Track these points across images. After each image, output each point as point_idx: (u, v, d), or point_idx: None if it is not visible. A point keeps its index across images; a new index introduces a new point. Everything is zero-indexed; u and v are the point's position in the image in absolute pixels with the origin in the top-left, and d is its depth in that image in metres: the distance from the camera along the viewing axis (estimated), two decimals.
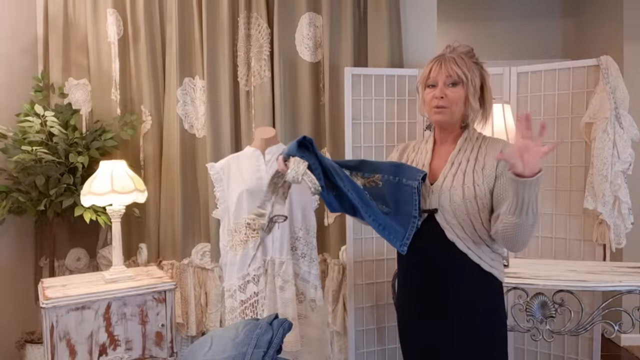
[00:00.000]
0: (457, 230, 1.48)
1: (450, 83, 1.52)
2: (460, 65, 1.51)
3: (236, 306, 2.18)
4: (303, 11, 2.75)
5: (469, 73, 1.52)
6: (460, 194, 1.47)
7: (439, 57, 1.56)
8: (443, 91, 1.52)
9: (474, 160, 1.51)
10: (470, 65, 1.54)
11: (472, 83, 1.52)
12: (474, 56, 1.58)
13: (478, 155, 1.52)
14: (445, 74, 1.52)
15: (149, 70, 2.85)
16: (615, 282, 1.96)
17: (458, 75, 1.51)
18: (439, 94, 1.52)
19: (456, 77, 1.51)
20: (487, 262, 1.51)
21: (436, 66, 1.54)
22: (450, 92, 1.51)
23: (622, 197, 2.33)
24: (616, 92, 2.34)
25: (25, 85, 2.88)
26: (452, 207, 1.48)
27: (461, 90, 1.51)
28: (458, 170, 1.51)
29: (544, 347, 2.59)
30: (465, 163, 1.51)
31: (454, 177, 1.50)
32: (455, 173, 1.51)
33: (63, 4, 2.91)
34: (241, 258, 2.18)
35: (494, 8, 4.24)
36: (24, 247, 2.92)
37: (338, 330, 2.74)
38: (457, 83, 1.51)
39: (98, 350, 2.20)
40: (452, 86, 1.52)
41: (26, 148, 2.53)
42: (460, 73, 1.51)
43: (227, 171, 2.25)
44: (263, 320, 1.83)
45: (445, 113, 1.53)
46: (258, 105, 2.76)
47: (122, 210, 2.36)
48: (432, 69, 1.55)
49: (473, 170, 1.49)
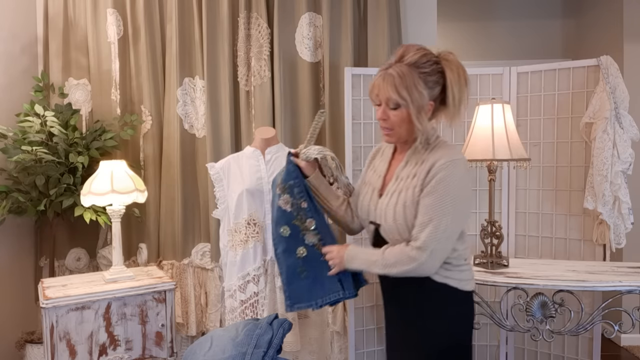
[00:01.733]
0: (395, 244, 1.48)
1: (391, 107, 1.45)
2: (399, 89, 1.41)
3: (236, 306, 2.18)
4: (303, 11, 2.75)
5: (409, 95, 1.41)
6: (392, 216, 1.46)
7: (383, 72, 1.45)
8: (386, 113, 1.47)
9: (413, 176, 1.46)
10: (413, 82, 1.41)
11: (415, 103, 1.42)
12: (426, 63, 1.45)
13: (418, 171, 1.46)
14: (374, 92, 1.46)
15: (149, 70, 2.85)
16: (615, 282, 1.96)
17: (395, 101, 1.43)
18: (382, 115, 1.47)
19: (394, 103, 1.44)
20: (438, 274, 1.46)
21: (379, 83, 1.45)
22: (392, 115, 1.46)
23: (622, 197, 2.33)
24: (616, 92, 2.34)
25: (25, 85, 2.88)
26: (386, 226, 1.49)
27: (403, 111, 1.44)
28: (397, 189, 1.48)
29: (544, 347, 2.59)
30: (406, 180, 1.48)
31: (392, 196, 1.48)
32: (394, 191, 1.49)
33: (63, 4, 2.91)
34: (241, 258, 2.17)
35: (494, 8, 4.24)
36: (24, 247, 2.92)
37: (338, 330, 2.74)
38: (398, 106, 1.44)
39: (98, 350, 2.20)
40: (394, 109, 1.45)
41: (26, 148, 2.53)
42: (397, 98, 1.42)
43: (227, 171, 2.25)
44: (263, 320, 1.83)
45: (392, 135, 1.50)
46: (258, 105, 2.76)
47: (122, 210, 2.36)
48: (375, 86, 1.46)
49: (407, 188, 1.46)
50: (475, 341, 2.69)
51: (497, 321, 2.11)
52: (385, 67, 1.46)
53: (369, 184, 1.61)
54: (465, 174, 1.43)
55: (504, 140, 2.18)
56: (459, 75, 1.44)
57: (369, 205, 1.56)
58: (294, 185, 1.62)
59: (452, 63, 1.45)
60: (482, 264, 2.23)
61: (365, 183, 1.64)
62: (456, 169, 1.40)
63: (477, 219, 2.66)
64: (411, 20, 2.87)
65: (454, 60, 1.46)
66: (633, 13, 3.44)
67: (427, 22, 2.88)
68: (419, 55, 1.44)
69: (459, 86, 1.44)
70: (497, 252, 2.23)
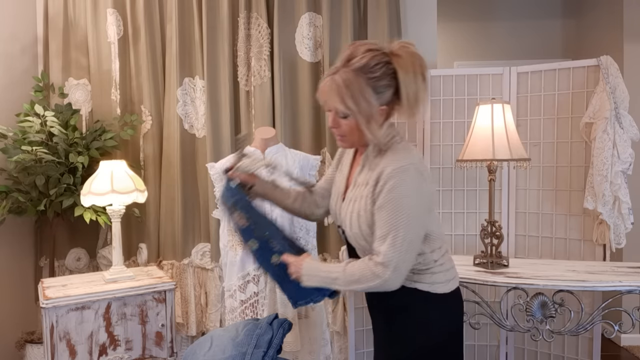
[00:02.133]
0: (364, 251, 1.42)
1: (340, 116, 1.37)
2: (345, 99, 1.32)
3: (236, 306, 2.18)
4: (303, 11, 2.75)
5: (355, 105, 1.32)
6: (349, 224, 1.42)
7: (329, 78, 1.36)
8: (336, 121, 1.39)
9: (365, 184, 1.39)
10: (360, 91, 1.32)
11: (363, 113, 1.33)
12: (376, 66, 1.33)
13: (370, 176, 1.38)
14: (331, 106, 1.38)
15: (149, 70, 2.85)
16: (615, 282, 1.96)
17: (342, 111, 1.35)
18: (332, 124, 1.40)
19: (342, 113, 1.35)
20: (408, 279, 1.40)
21: (325, 91, 1.37)
22: (343, 123, 1.38)
23: (622, 197, 2.33)
24: (616, 92, 2.34)
25: (25, 85, 2.88)
26: (350, 232, 1.43)
27: (353, 120, 1.35)
28: (354, 196, 1.42)
29: (544, 347, 2.59)
30: (361, 187, 1.41)
31: (350, 203, 1.43)
32: (352, 198, 1.43)
33: (63, 4, 2.91)
34: (241, 258, 2.18)
35: (494, 8, 4.24)
36: (24, 247, 2.92)
37: (338, 330, 2.74)
38: (346, 115, 1.35)
39: (98, 350, 2.20)
40: (343, 118, 1.37)
41: (26, 148, 2.53)
42: (343, 109, 1.34)
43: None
44: (263, 320, 1.84)
45: (346, 141, 1.43)
46: (258, 105, 2.76)
47: (122, 210, 2.36)
48: (322, 93, 1.38)
49: (361, 197, 1.39)
50: (475, 341, 2.70)
51: (497, 321, 2.11)
52: (332, 71, 1.36)
53: (336, 185, 1.55)
54: (417, 179, 1.32)
55: (504, 140, 2.18)
56: (414, 73, 1.32)
57: (335, 209, 1.52)
58: (238, 201, 1.58)
59: (404, 60, 1.32)
60: (482, 264, 2.23)
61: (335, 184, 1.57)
62: (405, 176, 1.31)
63: (477, 219, 2.66)
64: (411, 20, 2.87)
65: (407, 55, 1.33)
66: (633, 13, 3.44)
67: (427, 22, 2.88)
68: (368, 59, 1.32)
69: (414, 85, 1.33)
70: (497, 252, 2.23)
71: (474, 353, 2.71)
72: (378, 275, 1.32)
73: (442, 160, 2.68)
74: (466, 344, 2.71)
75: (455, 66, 4.25)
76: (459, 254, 2.66)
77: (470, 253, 2.57)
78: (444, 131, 2.68)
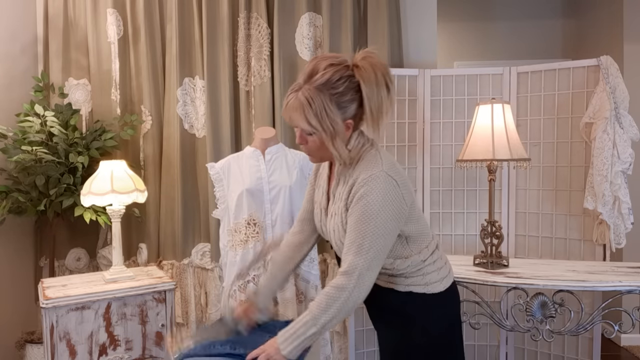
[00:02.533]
0: None
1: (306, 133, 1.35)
2: (308, 117, 1.30)
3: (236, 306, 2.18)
4: (303, 11, 2.75)
5: (319, 124, 1.30)
6: (333, 238, 1.41)
7: (293, 95, 1.32)
8: (303, 138, 1.37)
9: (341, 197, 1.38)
10: (324, 108, 1.29)
11: (328, 131, 1.31)
12: (338, 81, 1.30)
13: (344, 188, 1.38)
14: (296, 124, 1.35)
15: (149, 70, 2.85)
16: (615, 282, 1.96)
17: (307, 130, 1.33)
18: (300, 140, 1.38)
19: (307, 131, 1.33)
20: (401, 284, 1.42)
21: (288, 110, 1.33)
22: (309, 140, 1.36)
23: (622, 197, 2.33)
24: (616, 92, 2.34)
25: (25, 85, 2.88)
26: (336, 247, 1.43)
27: (317, 138, 1.34)
28: (334, 210, 1.41)
29: (544, 347, 2.59)
30: (339, 201, 1.39)
31: (332, 217, 1.41)
32: (333, 212, 1.41)
33: (63, 4, 2.91)
34: (241, 258, 2.18)
35: (494, 8, 4.24)
36: (24, 247, 2.92)
37: (338, 330, 2.74)
38: (311, 133, 1.33)
39: (98, 350, 2.20)
40: (309, 135, 1.35)
41: (26, 148, 2.53)
42: (307, 128, 1.32)
43: (227, 171, 2.25)
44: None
45: (315, 156, 1.41)
46: (258, 105, 2.76)
47: (122, 210, 2.36)
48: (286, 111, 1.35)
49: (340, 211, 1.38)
50: (475, 341, 2.70)
51: (497, 321, 2.11)
52: (295, 88, 1.33)
53: (317, 201, 1.53)
54: (387, 185, 1.30)
55: (504, 140, 2.18)
56: (377, 84, 1.30)
57: (321, 225, 1.50)
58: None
59: (366, 72, 1.29)
60: (482, 264, 2.23)
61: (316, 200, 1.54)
62: (374, 184, 1.29)
63: (477, 219, 2.66)
64: (411, 20, 2.87)
65: (369, 66, 1.30)
66: (633, 13, 3.44)
67: (427, 22, 2.88)
68: (330, 74, 1.29)
69: (377, 97, 1.31)
70: (497, 252, 2.23)
71: (474, 353, 2.71)
72: (342, 288, 1.28)
73: (442, 160, 2.68)
74: (466, 344, 2.70)
75: (455, 66, 4.25)
76: (459, 254, 2.66)
77: (470, 253, 2.57)
78: (444, 131, 2.68)
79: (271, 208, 2.19)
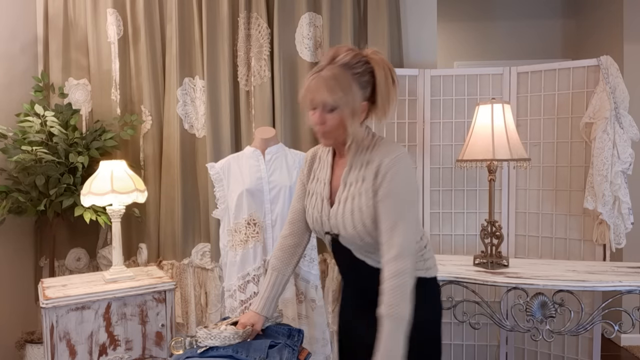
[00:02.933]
0: (362, 250, 1.46)
1: (327, 110, 1.41)
2: (333, 90, 1.38)
3: (236, 306, 2.18)
4: (303, 11, 2.75)
5: (345, 97, 1.38)
6: (351, 223, 1.42)
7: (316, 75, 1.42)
8: (322, 117, 1.42)
9: (362, 180, 1.43)
10: (347, 83, 1.39)
11: (350, 105, 1.39)
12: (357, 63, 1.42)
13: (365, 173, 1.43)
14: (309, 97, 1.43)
15: (149, 70, 2.85)
16: (615, 282, 1.96)
17: (331, 104, 1.39)
18: (319, 120, 1.43)
19: (331, 106, 1.40)
20: None
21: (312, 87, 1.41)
22: (329, 118, 1.41)
23: (622, 197, 2.33)
24: (616, 92, 2.34)
25: (25, 85, 2.88)
26: (346, 234, 1.45)
27: (340, 114, 1.40)
28: (349, 195, 1.45)
29: (544, 347, 2.59)
30: (354, 184, 1.45)
31: (346, 202, 1.45)
32: (347, 198, 1.45)
33: (63, 4, 2.91)
34: (241, 258, 2.18)
35: (494, 8, 4.24)
36: (24, 247, 2.92)
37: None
38: (334, 109, 1.40)
39: (98, 350, 2.20)
40: (330, 112, 1.41)
41: (26, 148, 2.53)
42: (333, 101, 1.38)
43: (227, 171, 2.25)
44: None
45: (329, 137, 1.46)
46: (258, 105, 2.76)
47: (122, 210, 2.36)
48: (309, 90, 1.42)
49: (359, 194, 1.43)
50: (475, 341, 2.70)
51: (497, 321, 2.11)
52: (317, 69, 1.42)
53: (315, 193, 1.55)
54: (410, 166, 1.43)
55: (504, 140, 2.18)
56: (386, 74, 1.42)
57: (321, 216, 1.51)
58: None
59: (379, 62, 1.42)
60: (482, 264, 2.23)
61: (311, 193, 1.57)
62: (402, 163, 1.39)
63: (477, 219, 2.66)
64: (411, 20, 2.87)
65: (381, 59, 1.43)
66: (633, 13, 3.44)
67: (427, 22, 2.88)
68: (351, 56, 1.41)
69: (387, 85, 1.42)
70: (497, 252, 2.23)
71: (474, 353, 2.71)
72: (403, 271, 1.32)
73: (442, 160, 2.68)
74: (466, 344, 2.71)
75: (455, 66, 4.25)
76: (459, 254, 2.67)
77: (470, 253, 2.57)
78: (444, 131, 2.69)
79: (271, 208, 2.19)
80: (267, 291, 1.62)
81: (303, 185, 1.64)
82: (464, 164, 2.29)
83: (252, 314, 1.60)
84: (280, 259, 1.64)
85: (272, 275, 1.64)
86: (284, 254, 1.64)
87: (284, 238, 1.66)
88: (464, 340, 2.70)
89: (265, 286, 1.64)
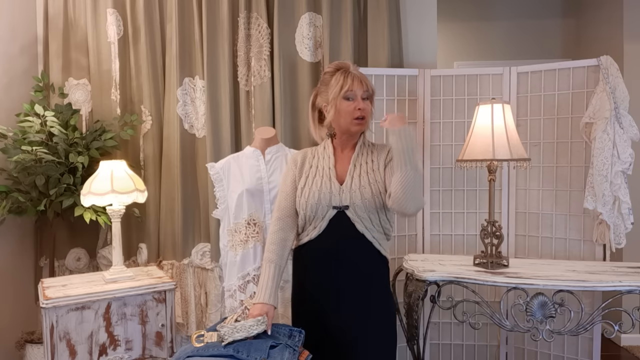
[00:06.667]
0: (366, 223, 1.70)
1: (365, 97, 1.73)
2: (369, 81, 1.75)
3: (236, 306, 2.18)
4: (303, 11, 2.75)
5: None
6: (369, 192, 1.69)
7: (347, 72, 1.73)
8: (361, 104, 1.71)
9: (371, 161, 1.75)
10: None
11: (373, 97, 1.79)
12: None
13: (373, 158, 1.76)
14: (363, 88, 1.72)
15: (149, 70, 2.85)
16: (615, 282, 1.96)
17: (372, 89, 1.75)
18: (364, 106, 1.72)
19: (370, 92, 1.75)
20: (384, 248, 1.76)
21: (350, 80, 1.71)
22: (365, 105, 1.73)
23: (622, 197, 2.33)
24: (616, 92, 2.34)
25: (25, 85, 2.88)
26: (363, 203, 1.68)
27: (370, 103, 1.76)
28: (362, 171, 1.73)
29: (544, 347, 2.59)
30: (365, 165, 1.74)
31: (360, 177, 1.72)
32: (360, 174, 1.73)
33: (63, 4, 2.91)
34: (241, 258, 2.18)
35: (494, 8, 4.24)
36: (24, 247, 2.92)
37: None
38: (368, 97, 1.75)
39: (98, 350, 2.20)
40: (365, 100, 1.73)
41: (26, 148, 2.53)
42: (372, 87, 1.76)
43: (227, 171, 2.25)
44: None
45: (363, 124, 1.74)
46: (258, 105, 2.76)
47: (122, 210, 2.36)
48: (348, 82, 1.70)
49: (372, 170, 1.73)
50: (475, 341, 2.70)
51: (497, 321, 2.11)
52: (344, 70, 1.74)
53: (318, 177, 1.76)
54: None
55: (504, 140, 2.18)
56: None
57: (331, 193, 1.72)
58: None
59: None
60: (482, 264, 2.23)
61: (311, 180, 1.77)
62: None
63: (477, 219, 2.66)
64: (411, 20, 2.87)
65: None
66: (633, 13, 3.44)
67: (427, 22, 2.88)
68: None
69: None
70: (497, 252, 2.23)
71: (474, 353, 2.71)
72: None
73: (442, 160, 2.68)
74: (466, 344, 2.71)
75: (455, 66, 4.25)
76: (459, 254, 2.66)
77: (470, 253, 2.57)
78: (444, 131, 2.68)
79: (271, 208, 2.19)
80: (270, 282, 1.73)
81: (294, 183, 1.80)
82: (464, 164, 2.29)
83: (260, 305, 1.68)
84: (275, 252, 1.76)
85: (271, 268, 1.74)
86: (277, 247, 1.77)
87: (275, 233, 1.79)
88: (464, 340, 2.70)
89: (266, 278, 1.73)
